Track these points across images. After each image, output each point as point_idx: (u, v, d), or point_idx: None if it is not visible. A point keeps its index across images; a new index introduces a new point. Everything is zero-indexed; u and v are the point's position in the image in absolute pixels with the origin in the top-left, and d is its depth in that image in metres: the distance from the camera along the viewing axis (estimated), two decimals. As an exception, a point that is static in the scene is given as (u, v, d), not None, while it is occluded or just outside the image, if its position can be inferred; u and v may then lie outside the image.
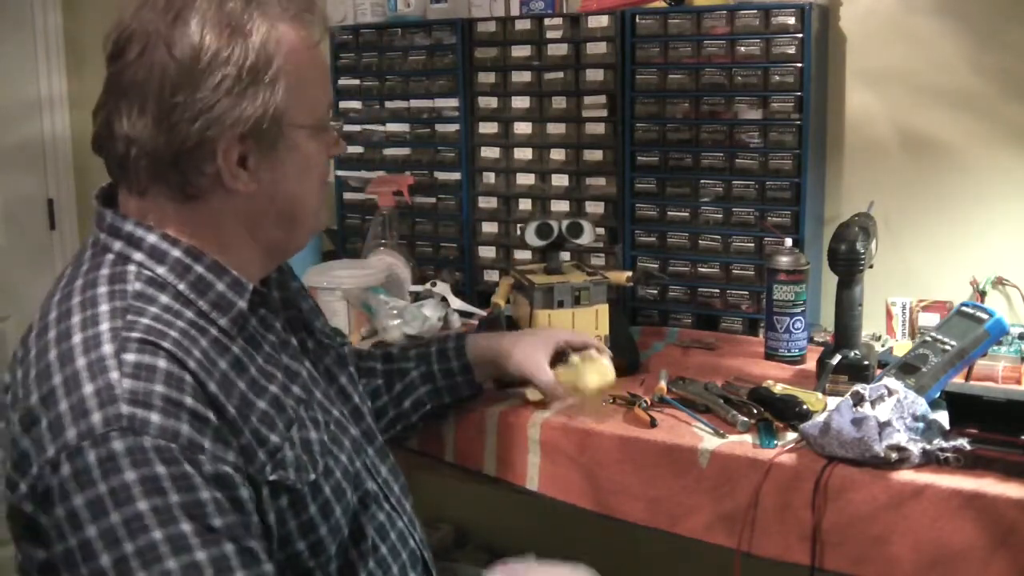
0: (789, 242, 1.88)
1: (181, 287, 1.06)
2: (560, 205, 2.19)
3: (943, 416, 1.41)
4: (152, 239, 1.06)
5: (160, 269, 1.06)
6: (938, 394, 1.45)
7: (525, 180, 2.23)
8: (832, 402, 1.48)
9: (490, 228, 2.29)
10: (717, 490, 1.42)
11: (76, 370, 0.96)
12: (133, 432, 0.92)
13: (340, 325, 2.03)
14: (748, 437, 1.45)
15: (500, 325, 1.77)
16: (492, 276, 2.27)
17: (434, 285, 2.17)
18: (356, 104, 2.42)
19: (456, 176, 2.30)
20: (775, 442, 1.43)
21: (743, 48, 1.97)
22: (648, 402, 1.57)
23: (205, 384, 1.00)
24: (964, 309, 1.52)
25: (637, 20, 2.06)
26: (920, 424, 1.36)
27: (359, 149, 2.42)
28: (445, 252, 2.34)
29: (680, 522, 1.45)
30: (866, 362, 1.60)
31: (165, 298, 1.04)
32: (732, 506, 1.40)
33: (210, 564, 0.92)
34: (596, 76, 2.11)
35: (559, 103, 2.17)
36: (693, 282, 2.07)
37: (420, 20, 2.32)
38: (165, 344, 0.99)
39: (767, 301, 1.84)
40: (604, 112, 2.11)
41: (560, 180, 2.19)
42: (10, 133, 2.86)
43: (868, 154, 2.08)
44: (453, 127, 2.29)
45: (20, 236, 2.91)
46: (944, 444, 1.33)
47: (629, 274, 1.82)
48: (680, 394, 1.59)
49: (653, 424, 1.50)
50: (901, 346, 1.77)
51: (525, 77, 2.20)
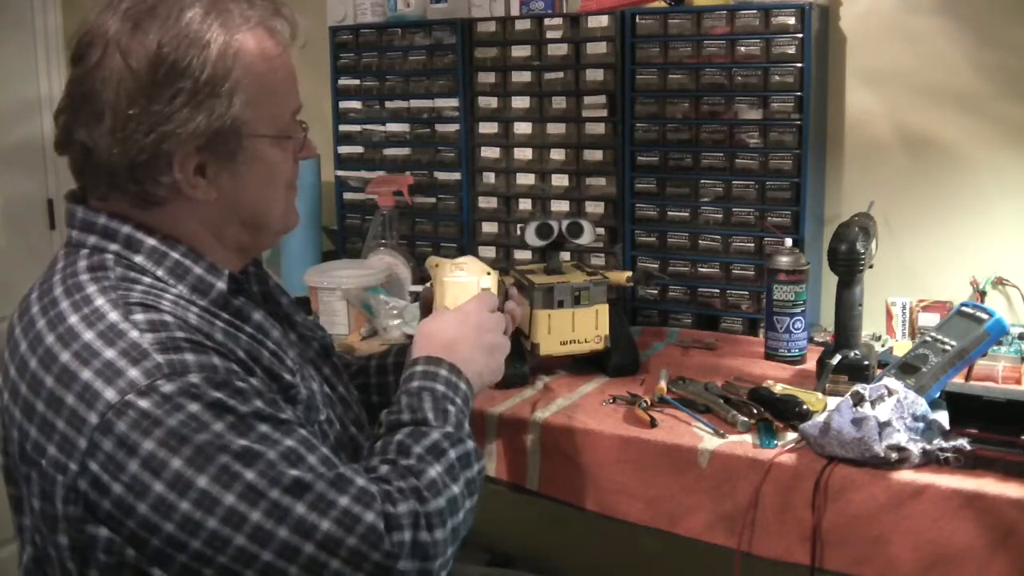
0: (789, 242, 1.88)
1: (160, 273, 1.07)
2: (560, 205, 2.19)
3: (943, 416, 1.41)
4: (126, 230, 1.07)
5: (137, 258, 1.06)
6: (938, 394, 1.45)
7: (525, 180, 2.23)
8: (832, 402, 1.48)
9: (490, 228, 2.29)
10: (717, 490, 1.42)
11: (86, 343, 0.97)
12: (176, 374, 0.95)
13: (340, 325, 2.04)
14: (748, 437, 1.45)
15: None
16: (492, 276, 2.27)
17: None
18: (356, 104, 2.42)
19: (456, 176, 2.30)
20: (775, 442, 1.43)
21: (743, 48, 1.96)
22: (648, 402, 1.57)
23: (211, 334, 1.02)
24: (964, 309, 1.52)
25: (637, 20, 2.06)
26: (920, 424, 1.36)
27: (359, 149, 2.42)
28: (445, 252, 2.34)
29: (680, 522, 1.45)
30: (866, 362, 1.60)
31: (147, 280, 1.05)
32: (732, 506, 1.40)
33: (300, 444, 0.99)
34: (596, 76, 2.11)
35: (559, 103, 2.17)
36: (693, 282, 2.07)
37: (420, 20, 2.32)
38: (164, 305, 1.01)
39: (767, 301, 1.84)
40: (604, 112, 2.11)
41: (560, 180, 2.19)
42: (10, 133, 2.85)
43: (868, 154, 2.08)
44: (453, 127, 2.29)
45: (20, 236, 2.90)
46: (944, 444, 1.33)
47: (629, 274, 1.82)
48: (680, 394, 1.59)
49: (653, 424, 1.50)
50: (901, 346, 1.77)
51: (525, 77, 2.20)
